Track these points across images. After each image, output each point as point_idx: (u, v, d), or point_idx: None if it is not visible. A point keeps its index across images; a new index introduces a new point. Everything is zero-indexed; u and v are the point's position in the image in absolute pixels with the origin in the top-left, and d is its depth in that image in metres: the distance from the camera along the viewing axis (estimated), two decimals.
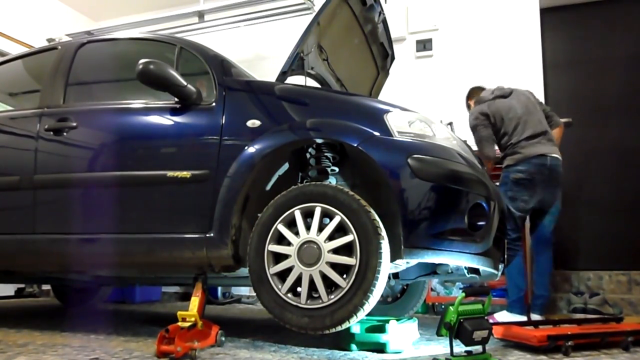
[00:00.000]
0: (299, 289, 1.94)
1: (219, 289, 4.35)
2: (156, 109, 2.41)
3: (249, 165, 2.12)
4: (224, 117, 2.25)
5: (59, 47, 2.86)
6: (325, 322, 1.86)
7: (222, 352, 1.94)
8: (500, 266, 2.35)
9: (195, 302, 2.06)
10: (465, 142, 2.46)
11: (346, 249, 1.91)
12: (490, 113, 3.19)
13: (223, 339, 2.07)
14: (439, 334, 1.75)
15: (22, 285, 4.77)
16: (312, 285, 1.90)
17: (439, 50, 4.39)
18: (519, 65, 4.09)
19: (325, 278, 1.89)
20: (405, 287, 3.07)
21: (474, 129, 3.27)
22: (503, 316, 3.03)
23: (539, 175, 3.03)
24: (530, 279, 3.31)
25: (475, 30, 4.27)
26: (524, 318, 2.98)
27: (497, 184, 3.07)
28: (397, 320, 2.07)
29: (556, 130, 3.30)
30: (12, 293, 4.71)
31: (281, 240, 2.00)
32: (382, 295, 2.87)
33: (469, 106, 3.57)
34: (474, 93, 3.53)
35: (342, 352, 1.98)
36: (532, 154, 3.05)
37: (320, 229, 1.94)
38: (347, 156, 2.22)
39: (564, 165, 3.15)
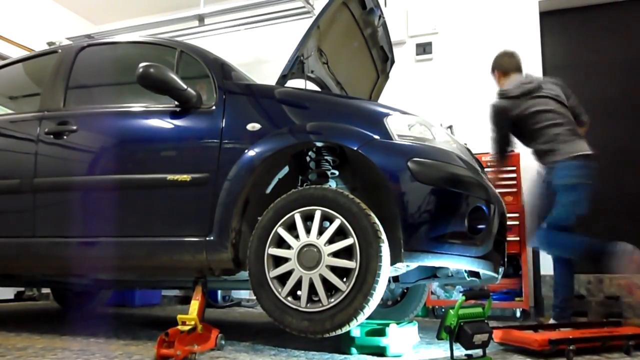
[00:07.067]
0: (299, 292, 1.94)
1: (219, 292, 4.35)
2: (156, 112, 2.41)
3: (249, 169, 2.12)
4: (224, 121, 2.25)
5: (59, 50, 2.86)
6: (325, 325, 1.86)
7: (222, 356, 1.93)
8: (501, 269, 2.35)
9: (195, 305, 2.06)
10: (465, 145, 2.46)
11: (346, 252, 1.90)
12: None
13: (223, 342, 2.06)
14: (439, 337, 1.75)
15: (22, 289, 4.76)
16: (312, 289, 1.90)
17: (438, 54, 4.40)
18: None
19: (325, 281, 1.89)
20: (405, 291, 3.07)
21: None
22: None
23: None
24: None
25: (475, 33, 4.28)
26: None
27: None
28: (397, 323, 2.07)
29: None
30: (11, 296, 4.70)
31: (281, 243, 2.00)
32: (382, 299, 2.86)
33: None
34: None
35: (342, 356, 1.97)
36: None
37: (320, 232, 1.94)
38: (347, 159, 2.22)
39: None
